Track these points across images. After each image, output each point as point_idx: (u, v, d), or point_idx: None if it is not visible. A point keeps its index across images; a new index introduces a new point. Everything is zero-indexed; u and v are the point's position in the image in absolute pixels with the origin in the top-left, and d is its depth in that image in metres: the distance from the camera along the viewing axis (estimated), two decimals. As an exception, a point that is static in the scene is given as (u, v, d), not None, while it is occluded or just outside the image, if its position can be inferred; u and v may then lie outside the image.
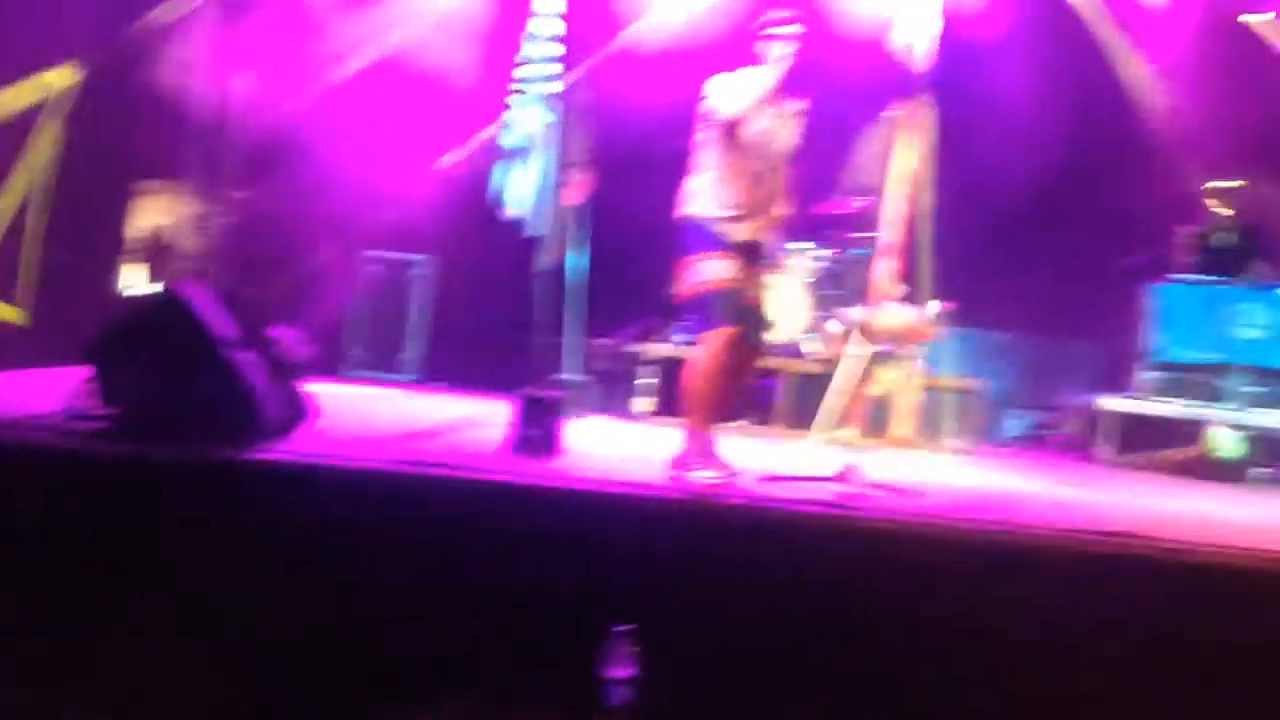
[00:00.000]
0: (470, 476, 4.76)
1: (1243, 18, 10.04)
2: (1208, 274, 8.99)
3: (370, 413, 6.92)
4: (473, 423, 6.48)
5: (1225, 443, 8.21)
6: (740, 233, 5.35)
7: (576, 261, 7.72)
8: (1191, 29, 9.90)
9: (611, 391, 8.63)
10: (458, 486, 4.62)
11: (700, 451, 5.37)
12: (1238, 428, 8.46)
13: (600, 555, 4.35)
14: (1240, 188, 9.16)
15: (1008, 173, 9.40)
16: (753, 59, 5.33)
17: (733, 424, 8.21)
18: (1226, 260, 9.09)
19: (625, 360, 8.65)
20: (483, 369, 7.91)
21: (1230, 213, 9.18)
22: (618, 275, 8.13)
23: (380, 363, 8.99)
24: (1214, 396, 8.69)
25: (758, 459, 6.01)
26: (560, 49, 7.32)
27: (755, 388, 8.69)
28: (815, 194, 8.72)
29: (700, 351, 5.40)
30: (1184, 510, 6.34)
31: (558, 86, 7.26)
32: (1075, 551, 4.53)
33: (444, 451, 5.42)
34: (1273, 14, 9.99)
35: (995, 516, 5.10)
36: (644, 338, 8.61)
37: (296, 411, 5.18)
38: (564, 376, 7.45)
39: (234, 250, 8.62)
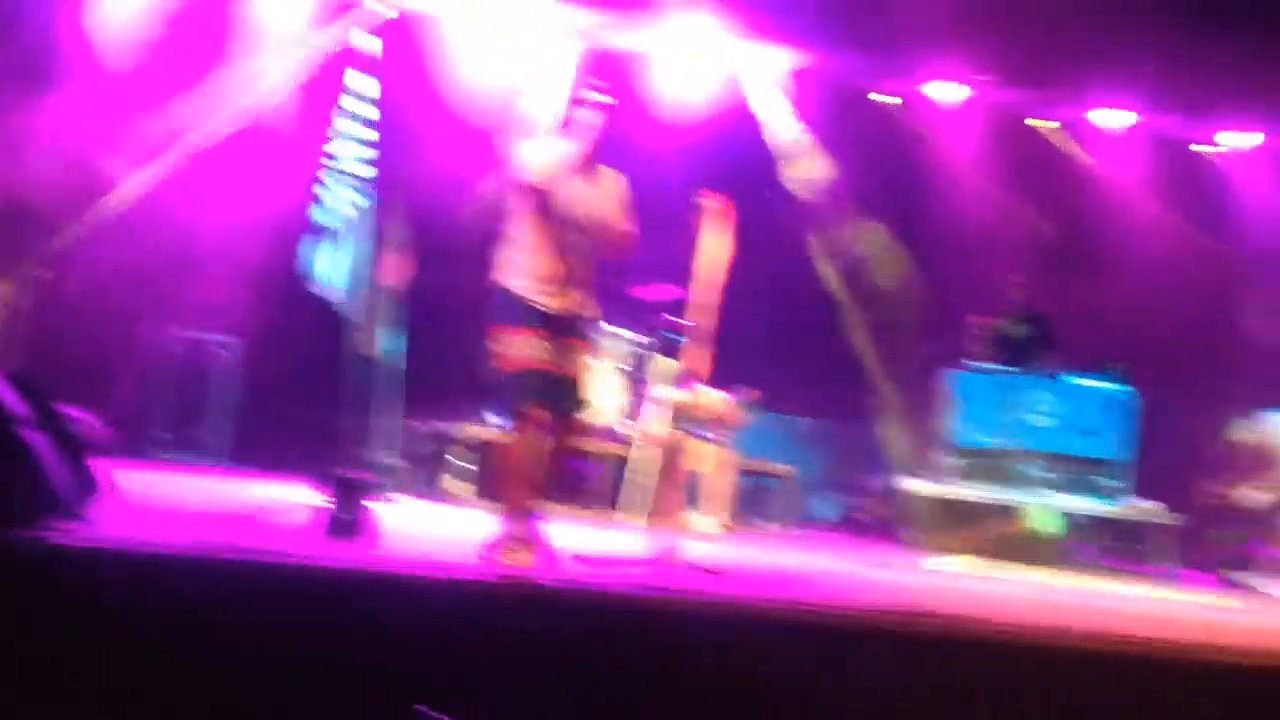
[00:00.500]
0: (277, 560, 4.59)
1: (1029, 121, 10.68)
2: (1001, 363, 9.40)
3: (171, 494, 6.64)
4: (280, 506, 6.27)
5: (1042, 519, 8.52)
6: (551, 305, 5.26)
7: (392, 343, 7.62)
8: (984, 130, 10.49)
9: (427, 474, 8.51)
10: (264, 570, 4.46)
11: (515, 534, 5.30)
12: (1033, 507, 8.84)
13: (412, 639, 4.24)
14: (1030, 281, 9.64)
15: (813, 265, 9.77)
16: (565, 130, 5.32)
17: (550, 506, 8.19)
18: (1019, 350, 9.53)
19: (441, 442, 8.55)
20: (292, 451, 7.69)
21: (1022, 305, 9.65)
22: (435, 357, 8.05)
23: (184, 444, 8.67)
24: (1013, 480, 9.05)
25: (574, 541, 5.97)
26: (372, 132, 7.26)
27: (572, 470, 8.69)
28: (633, 277, 8.85)
29: (511, 433, 5.31)
30: (981, 590, 6.54)
31: (370, 169, 7.19)
32: (882, 629, 4.61)
33: (249, 534, 5.23)
34: (1058, 124, 10.66)
35: (804, 596, 5.17)
36: (460, 419, 8.52)
37: (89, 492, 4.94)
38: (378, 459, 7.30)
39: (35, 329, 8.28)
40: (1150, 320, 10.41)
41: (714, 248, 5.87)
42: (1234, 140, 10.72)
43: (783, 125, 10.08)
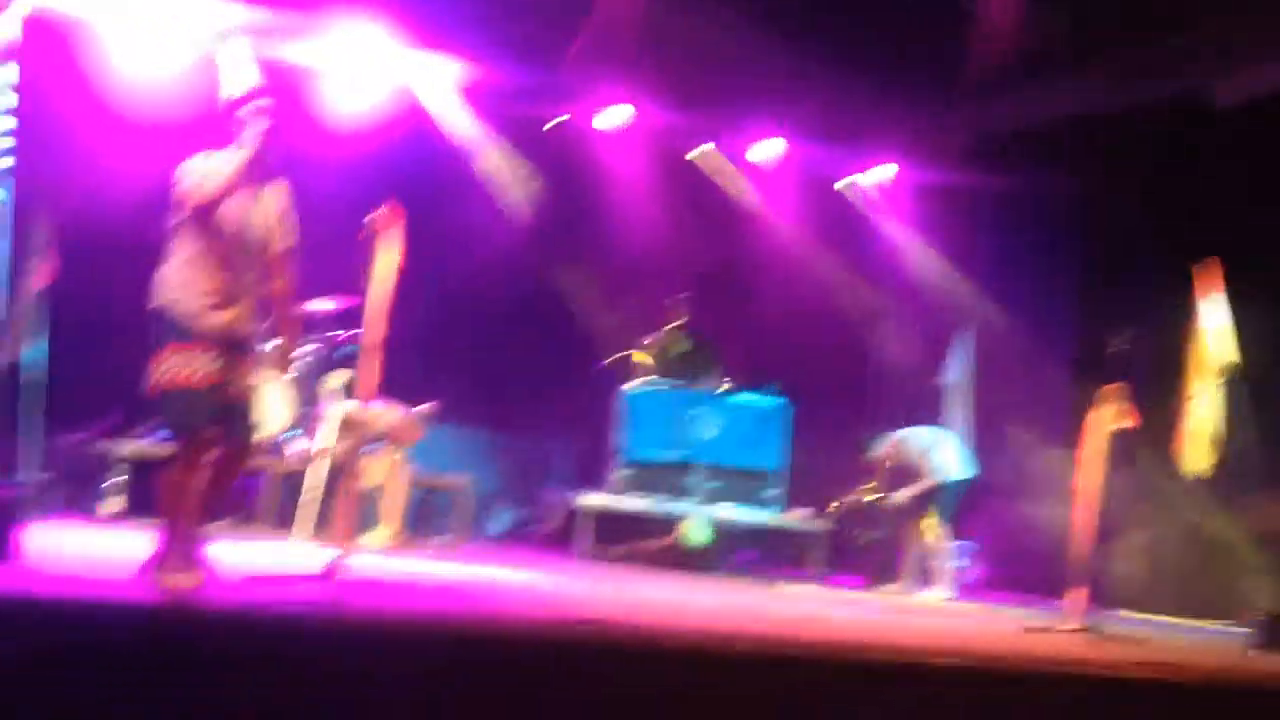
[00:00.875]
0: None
1: (689, 155, 11.15)
2: (668, 379, 9.75)
3: None
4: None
5: (695, 530, 8.87)
6: (217, 323, 5.09)
7: (34, 352, 7.07)
8: (647, 162, 10.87)
9: (78, 492, 7.98)
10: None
11: (176, 554, 5.05)
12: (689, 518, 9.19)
13: (62, 668, 3.95)
14: (692, 302, 10.05)
15: (489, 280, 9.83)
16: (228, 141, 5.17)
17: (214, 524, 7.84)
18: (683, 367, 9.91)
19: (92, 458, 8.04)
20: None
21: (685, 325, 10.04)
22: (82, 367, 7.56)
23: None
24: (680, 492, 9.39)
25: (241, 559, 5.75)
26: (11, 122, 6.72)
27: (237, 486, 8.35)
28: (305, 290, 8.61)
29: (175, 451, 5.11)
30: (653, 598, 6.74)
31: (8, 159, 6.66)
32: (550, 639, 4.65)
33: None
34: (712, 145, 11.16)
35: (478, 608, 5.17)
36: (113, 434, 8.04)
37: None
38: (20, 476, 6.77)
39: None
40: (801, 341, 11.08)
41: (385, 259, 5.79)
42: (875, 172, 11.56)
43: (462, 137, 10.10)
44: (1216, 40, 9.16)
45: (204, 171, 5.05)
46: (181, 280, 5.08)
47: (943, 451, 9.07)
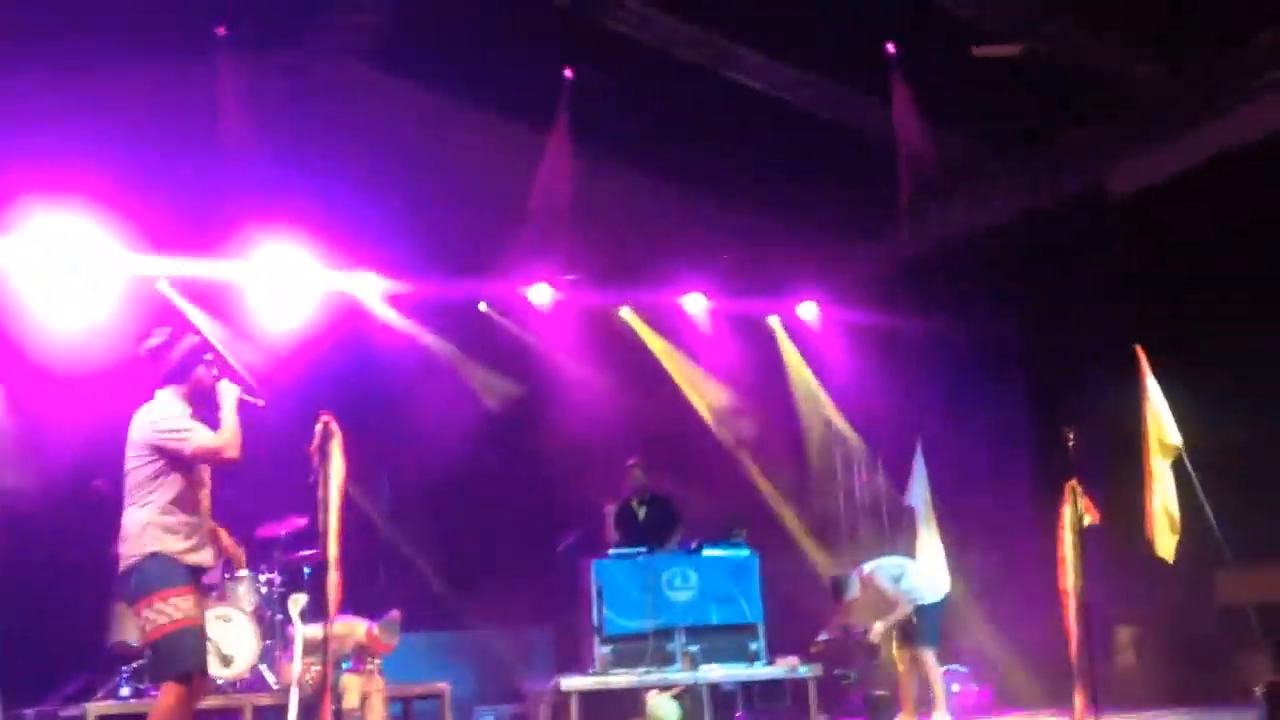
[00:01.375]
0: None
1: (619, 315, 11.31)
2: (635, 543, 9.66)
3: None
4: None
5: (660, 708, 8.66)
6: (195, 563, 5.19)
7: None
8: (580, 326, 11.02)
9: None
10: None
11: None
12: (672, 688, 8.98)
13: None
14: (645, 465, 10.05)
15: (443, 478, 9.79)
16: (159, 384, 5.30)
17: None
18: (646, 530, 9.85)
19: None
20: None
21: (641, 487, 10.01)
22: (31, 636, 7.37)
23: None
24: (664, 660, 9.21)
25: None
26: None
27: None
28: (255, 518, 8.54)
29: (166, 696, 5.05)
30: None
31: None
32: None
33: None
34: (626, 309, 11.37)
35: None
36: (83, 697, 7.76)
37: None
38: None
39: None
40: (757, 487, 11.11)
41: (335, 470, 5.75)
42: (800, 311, 11.77)
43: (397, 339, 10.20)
44: (1103, 138, 9.56)
45: (183, 422, 5.17)
46: (165, 526, 5.11)
47: (913, 577, 9.00)
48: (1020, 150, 10.09)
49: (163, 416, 5.19)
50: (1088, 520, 6.94)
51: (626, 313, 11.45)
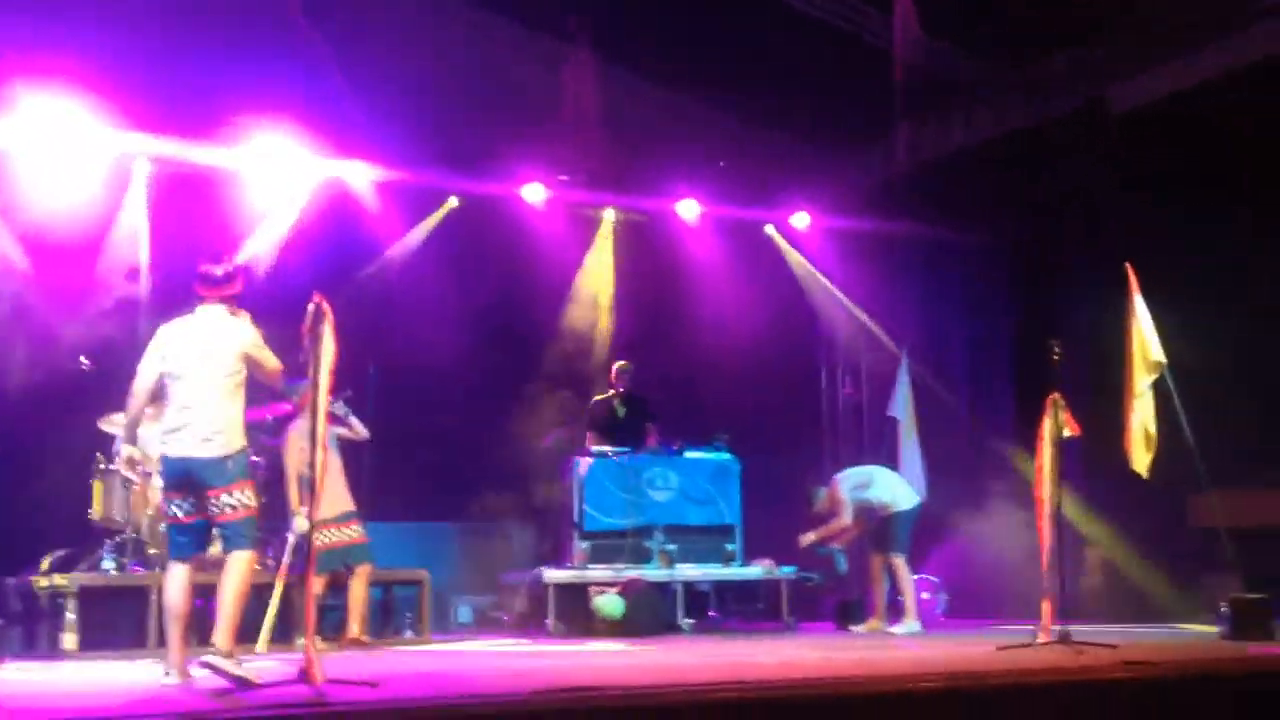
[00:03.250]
0: None
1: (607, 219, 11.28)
2: (613, 441, 9.75)
3: None
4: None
5: (606, 606, 8.80)
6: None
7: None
8: (570, 227, 11.00)
9: (30, 632, 7.79)
10: None
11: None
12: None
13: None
14: (629, 366, 10.09)
15: (431, 370, 9.81)
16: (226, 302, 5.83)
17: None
18: (624, 429, 9.92)
19: (40, 598, 7.83)
20: None
21: (624, 388, 10.06)
22: (12, 509, 7.43)
23: None
24: (640, 557, 9.35)
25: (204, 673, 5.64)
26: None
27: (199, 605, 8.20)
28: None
29: (248, 562, 5.74)
30: (633, 663, 6.69)
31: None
32: (527, 711, 4.58)
33: None
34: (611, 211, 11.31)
35: (450, 691, 5.09)
36: (59, 570, 7.84)
37: None
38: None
39: None
40: (743, 392, 11.17)
41: (326, 351, 5.77)
42: (793, 220, 11.75)
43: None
44: (1107, 52, 9.50)
45: (260, 344, 5.84)
46: (243, 426, 5.83)
47: (884, 485, 9.11)
48: (1020, 64, 10.03)
49: (254, 338, 5.84)
50: (1067, 433, 7.02)
51: (610, 214, 11.41)
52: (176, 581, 5.72)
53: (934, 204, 10.85)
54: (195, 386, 5.70)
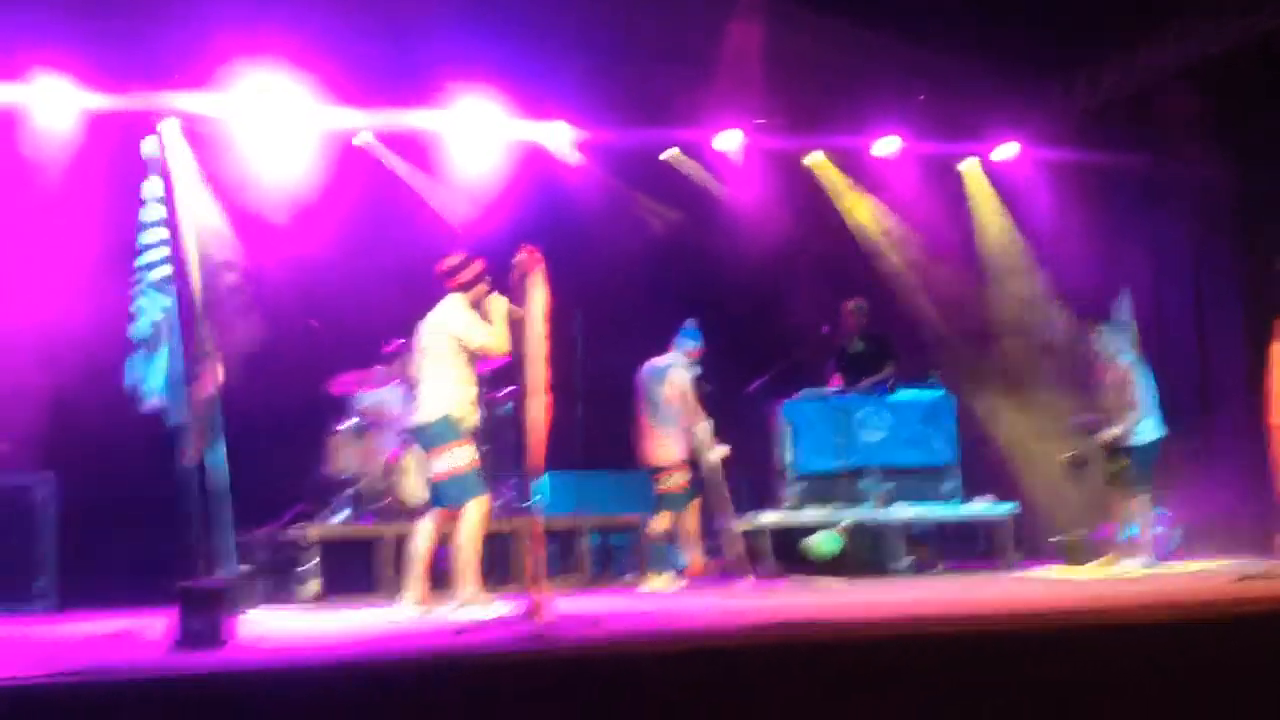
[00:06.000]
0: (127, 678, 4.34)
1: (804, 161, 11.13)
2: (848, 378, 9.66)
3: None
4: (125, 632, 5.98)
5: (820, 543, 8.76)
6: (474, 423, 6.75)
7: (214, 454, 7.33)
8: (767, 173, 10.91)
9: (274, 582, 8.27)
10: (110, 689, 4.19)
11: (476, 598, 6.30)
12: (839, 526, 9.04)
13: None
14: (863, 304, 10.00)
15: (633, 316, 9.92)
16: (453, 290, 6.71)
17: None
18: (861, 366, 9.84)
19: (284, 548, 8.30)
20: (129, 581, 7.31)
21: (861, 325, 9.98)
22: (256, 465, 7.83)
23: (10, 595, 8.08)
24: (854, 499, 9.28)
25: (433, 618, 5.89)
26: (164, 233, 7.02)
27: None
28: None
29: (473, 517, 6.44)
30: (846, 602, 6.67)
31: (166, 271, 6.95)
32: (742, 646, 4.61)
33: (90, 659, 4.93)
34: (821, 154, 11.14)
35: (679, 627, 5.18)
36: (299, 522, 8.28)
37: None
38: (222, 572, 7.01)
39: None
40: (955, 331, 10.95)
41: (538, 299, 5.96)
42: (998, 153, 11.38)
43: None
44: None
45: (477, 324, 6.64)
46: (459, 397, 6.59)
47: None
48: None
49: (458, 318, 6.65)
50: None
51: (813, 159, 11.26)
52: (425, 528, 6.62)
53: (1148, 130, 10.35)
54: (418, 363, 6.78)
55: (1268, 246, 9.14)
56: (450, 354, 6.59)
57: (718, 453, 8.44)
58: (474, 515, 6.45)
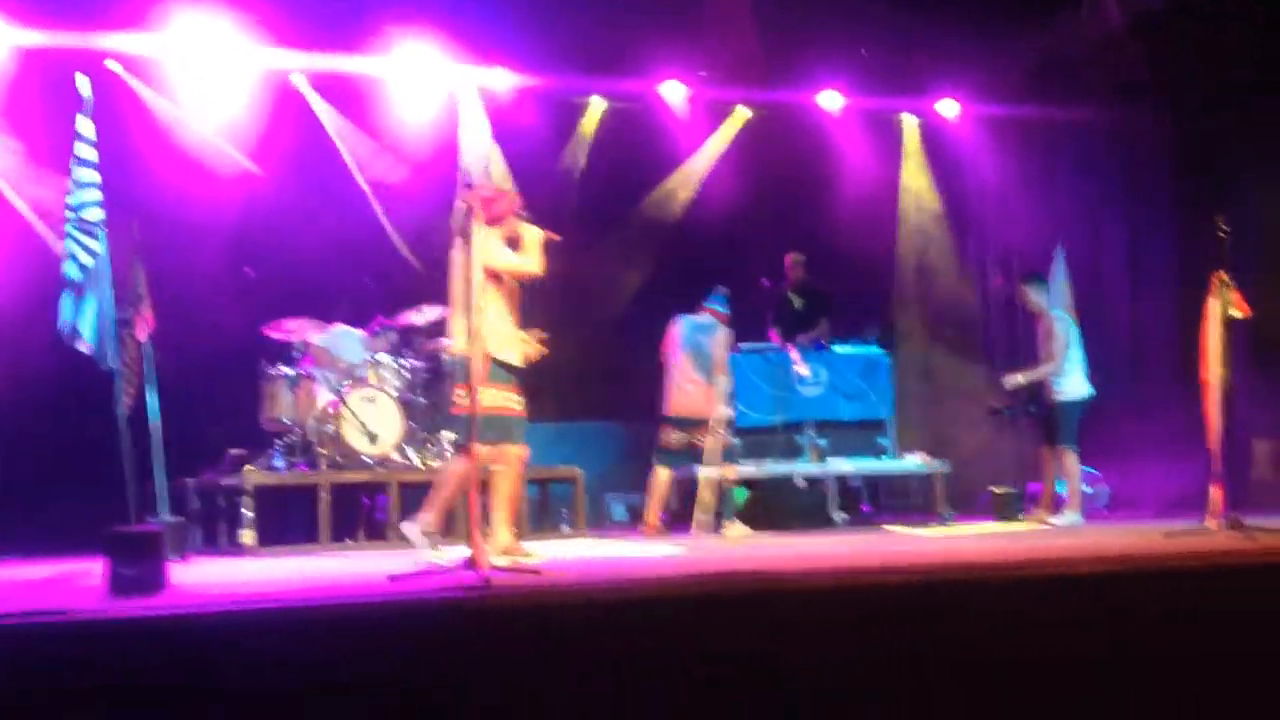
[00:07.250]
0: (61, 620, 4.28)
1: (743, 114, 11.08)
2: (789, 332, 9.70)
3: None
4: (59, 577, 5.90)
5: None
6: (521, 363, 6.55)
7: (150, 401, 7.22)
8: (709, 123, 10.88)
9: (210, 528, 8.20)
10: (43, 632, 4.13)
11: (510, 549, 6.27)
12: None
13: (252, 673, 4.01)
14: (801, 258, 10.04)
15: (575, 272, 9.88)
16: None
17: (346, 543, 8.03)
18: (799, 320, 9.88)
19: (219, 496, 8.22)
20: (64, 528, 7.19)
21: (798, 281, 10.02)
22: (190, 410, 7.74)
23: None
24: (792, 453, 9.35)
25: (375, 566, 5.85)
26: (95, 176, 6.86)
27: (366, 505, 8.53)
28: (399, 305, 8.80)
29: (509, 466, 6.46)
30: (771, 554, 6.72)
31: (98, 214, 6.79)
32: (688, 595, 4.63)
33: (24, 604, 4.86)
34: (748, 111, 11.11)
35: (611, 577, 5.21)
36: (238, 468, 8.19)
37: None
38: (156, 518, 6.93)
39: None
40: (891, 287, 11.02)
41: (477, 249, 5.91)
42: (939, 108, 11.44)
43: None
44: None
45: (504, 251, 6.41)
46: (499, 333, 6.33)
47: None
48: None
49: (497, 249, 6.37)
50: (1236, 314, 6.75)
51: (741, 110, 11.22)
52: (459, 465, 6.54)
53: (1090, 86, 10.43)
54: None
55: (1202, 201, 9.29)
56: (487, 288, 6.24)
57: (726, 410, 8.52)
58: (510, 461, 6.47)
